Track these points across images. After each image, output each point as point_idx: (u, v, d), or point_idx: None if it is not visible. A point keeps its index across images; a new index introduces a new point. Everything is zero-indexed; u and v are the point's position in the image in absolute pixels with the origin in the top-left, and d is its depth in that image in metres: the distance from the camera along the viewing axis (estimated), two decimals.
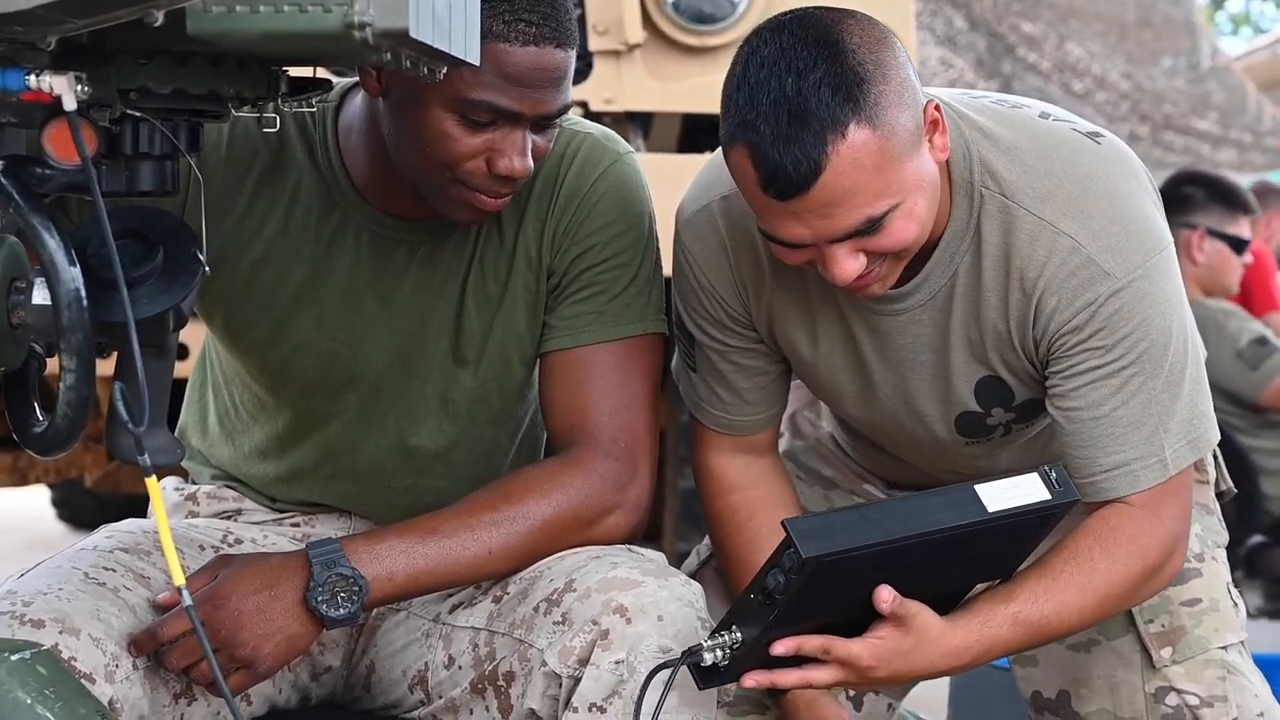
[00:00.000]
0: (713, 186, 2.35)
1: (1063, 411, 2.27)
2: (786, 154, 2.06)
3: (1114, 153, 2.29)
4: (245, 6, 1.72)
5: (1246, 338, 5.46)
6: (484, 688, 2.29)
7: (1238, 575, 5.53)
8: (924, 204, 2.15)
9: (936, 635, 2.16)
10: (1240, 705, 2.43)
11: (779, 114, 2.07)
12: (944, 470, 2.49)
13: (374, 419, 2.42)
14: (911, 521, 2.10)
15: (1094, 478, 2.26)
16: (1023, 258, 2.23)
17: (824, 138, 2.06)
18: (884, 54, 2.11)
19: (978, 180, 2.24)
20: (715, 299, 2.37)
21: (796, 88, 2.06)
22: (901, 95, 2.10)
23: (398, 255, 2.36)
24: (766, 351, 2.41)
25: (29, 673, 1.92)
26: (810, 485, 2.64)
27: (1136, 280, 2.21)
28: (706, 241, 2.35)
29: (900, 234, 2.14)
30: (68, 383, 1.82)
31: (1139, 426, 2.24)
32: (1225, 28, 25.18)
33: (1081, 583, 2.23)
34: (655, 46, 4.42)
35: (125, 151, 1.88)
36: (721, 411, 2.44)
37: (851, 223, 2.11)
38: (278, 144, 2.33)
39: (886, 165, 2.09)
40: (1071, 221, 2.22)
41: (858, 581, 2.10)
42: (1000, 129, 2.27)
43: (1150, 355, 2.23)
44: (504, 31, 2.15)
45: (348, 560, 2.21)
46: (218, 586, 2.19)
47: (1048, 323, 2.24)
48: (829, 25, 2.10)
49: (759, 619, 2.09)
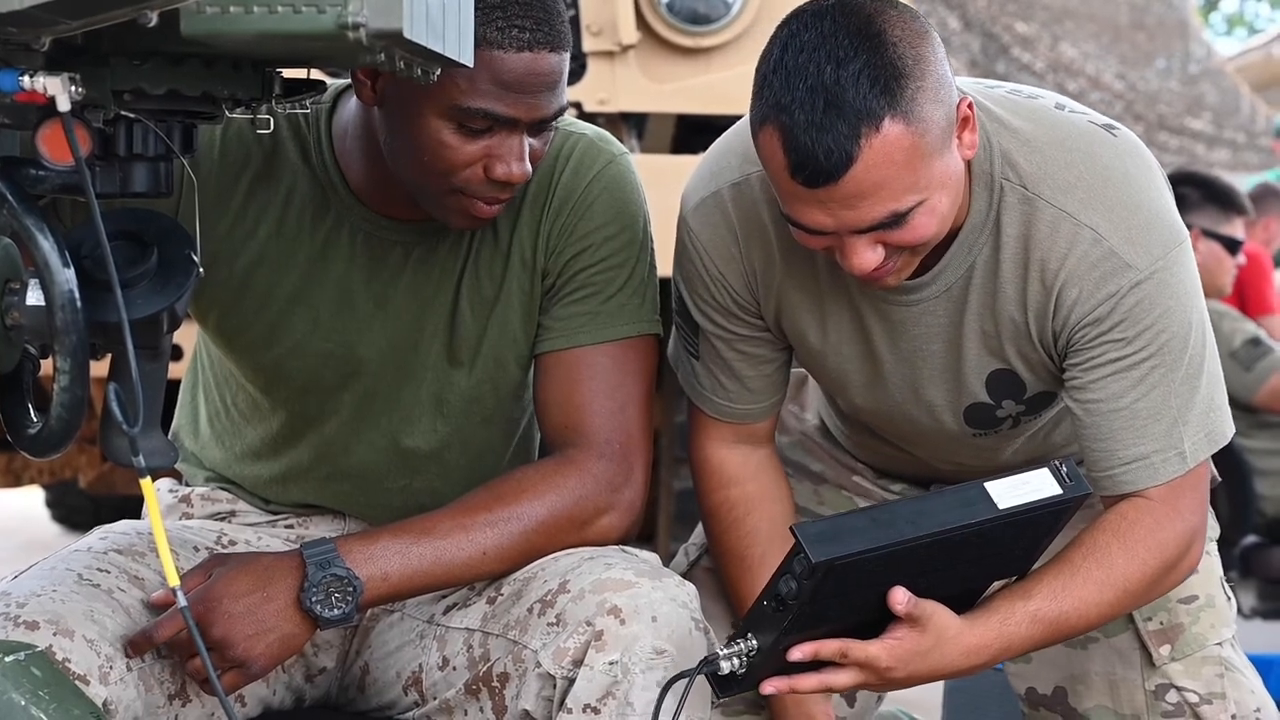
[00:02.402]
0: (722, 173, 2.33)
1: (1081, 404, 2.26)
2: (819, 142, 2.05)
3: (1130, 145, 2.29)
4: (239, 7, 1.72)
5: (1240, 339, 5.47)
6: (478, 689, 2.29)
7: (1233, 575, 5.53)
8: (947, 201, 2.14)
9: (954, 634, 2.15)
10: (1238, 702, 2.44)
11: (815, 100, 2.05)
12: (946, 461, 2.49)
13: (368, 420, 2.42)
14: (922, 522, 2.09)
15: (1112, 470, 2.26)
16: (1043, 249, 2.22)
17: (858, 129, 2.05)
18: (924, 49, 2.09)
19: (998, 172, 2.23)
20: (723, 286, 2.36)
21: (835, 76, 2.05)
22: (938, 91, 2.09)
23: (393, 256, 2.36)
24: (771, 340, 2.41)
25: (23, 674, 1.92)
26: (799, 481, 2.63)
27: (1158, 272, 2.21)
28: (715, 228, 2.34)
29: (922, 230, 2.13)
30: (62, 384, 1.82)
31: (1159, 419, 2.23)
32: (1220, 28, 25.21)
33: (1100, 579, 2.23)
34: (649, 47, 4.43)
35: (119, 153, 1.88)
36: (724, 400, 2.44)
37: (876, 215, 2.10)
38: (271, 146, 2.33)
39: (917, 161, 2.08)
40: (1093, 213, 2.21)
41: (871, 584, 2.10)
42: (1019, 120, 2.26)
43: (1171, 347, 2.22)
44: (498, 38, 2.14)
45: (342, 560, 2.21)
46: (211, 586, 2.19)
47: (1068, 314, 2.23)
48: (871, 15, 2.08)
49: (773, 625, 2.08)
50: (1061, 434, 2.49)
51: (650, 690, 2.14)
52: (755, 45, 4.39)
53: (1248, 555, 5.62)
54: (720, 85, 4.39)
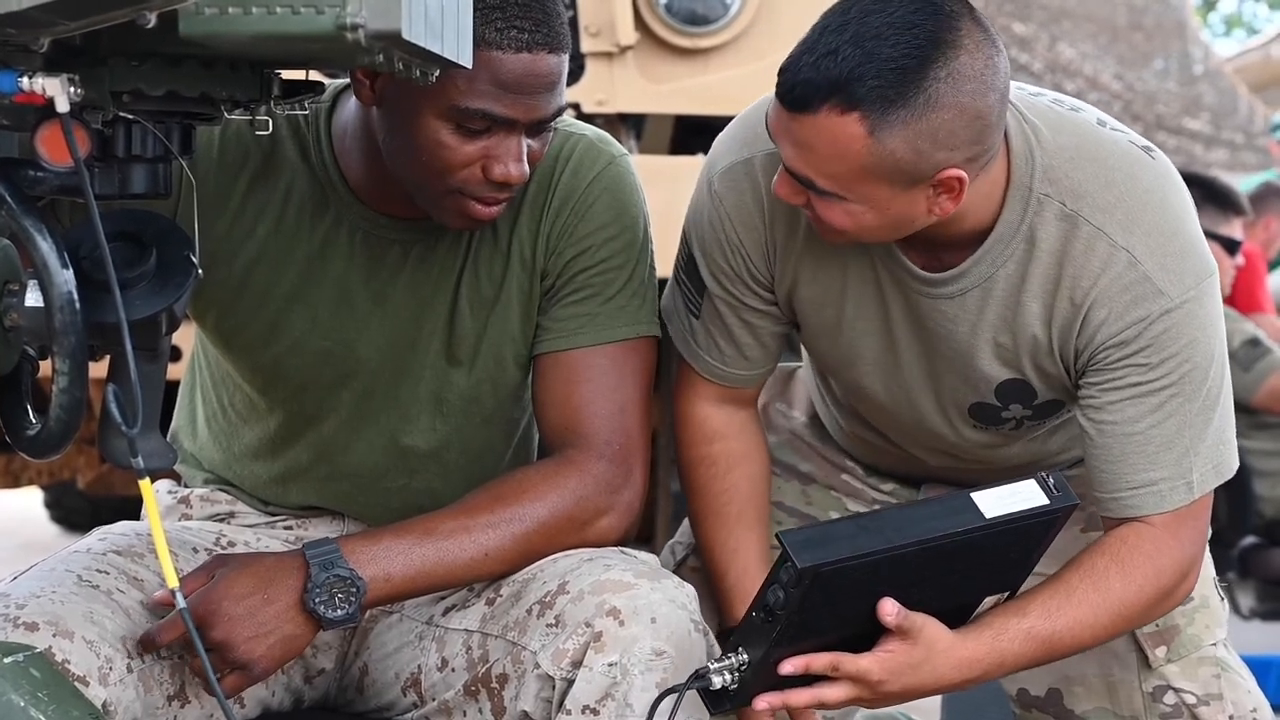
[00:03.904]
0: (755, 141, 2.32)
1: (1095, 424, 2.26)
2: (809, 68, 2.07)
3: (1167, 169, 2.29)
4: (238, 8, 1.72)
5: (1239, 339, 5.47)
6: (477, 690, 2.29)
7: (1231, 576, 5.53)
8: (872, 221, 2.15)
9: (946, 647, 2.16)
10: (1235, 702, 2.45)
11: (840, 38, 2.06)
12: (939, 454, 2.49)
13: (367, 419, 2.42)
14: (908, 529, 2.09)
15: (1119, 494, 2.26)
16: (1076, 266, 2.22)
17: (831, 96, 2.06)
18: (961, 98, 2.07)
19: (1037, 185, 2.22)
20: (741, 254, 2.36)
21: (865, 44, 2.05)
22: (932, 138, 2.07)
23: (392, 255, 2.36)
24: (777, 314, 2.41)
25: (22, 676, 1.92)
26: (787, 480, 2.63)
27: (1189, 302, 2.21)
28: (742, 195, 2.34)
29: (830, 216, 2.15)
30: (60, 385, 1.82)
31: (1171, 447, 2.24)
32: (1218, 29, 25.21)
33: (1096, 602, 2.23)
34: (647, 48, 4.42)
35: (118, 154, 1.88)
36: (719, 362, 2.44)
37: (798, 167, 2.12)
38: (270, 145, 2.33)
39: (854, 165, 2.09)
40: (1131, 235, 2.21)
41: (860, 594, 2.10)
42: (1062, 136, 2.24)
43: (1191, 378, 2.23)
44: (497, 39, 2.14)
45: (345, 561, 2.21)
46: (213, 588, 2.19)
47: (1094, 334, 2.23)
48: (945, 37, 2.07)
49: (763, 637, 2.09)
50: (1058, 440, 2.49)
51: (649, 691, 2.14)
52: (754, 46, 4.43)
53: (1246, 556, 5.62)
54: (719, 86, 4.39)
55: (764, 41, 4.42)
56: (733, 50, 4.46)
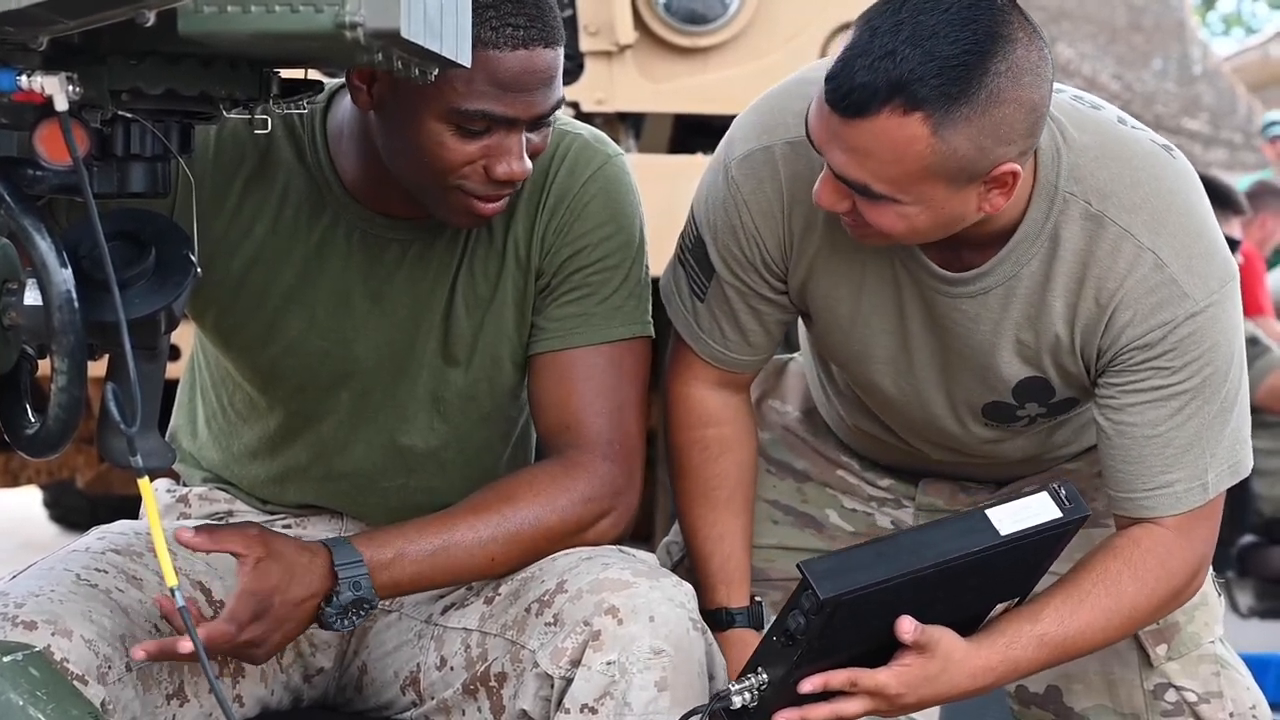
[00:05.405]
0: (777, 128, 2.30)
1: (1114, 424, 2.25)
2: (865, 72, 2.03)
3: (1187, 169, 2.28)
4: (237, 7, 1.72)
5: None
6: (476, 689, 2.29)
7: (1230, 575, 5.53)
8: (925, 221, 2.13)
9: (961, 657, 2.17)
10: (1235, 699, 2.45)
11: (895, 39, 2.03)
12: (944, 449, 2.48)
13: (365, 418, 2.42)
14: (925, 552, 2.11)
15: (1135, 495, 2.26)
16: (1102, 267, 2.21)
17: (893, 98, 2.04)
18: (1020, 90, 2.06)
19: (1063, 185, 2.21)
20: (756, 242, 2.34)
21: (923, 43, 2.02)
22: (994, 133, 2.06)
23: (389, 254, 2.35)
24: (786, 304, 2.40)
25: (21, 674, 1.92)
26: (782, 478, 2.63)
27: (1213, 306, 2.21)
28: (761, 183, 2.32)
29: (881, 221, 2.13)
30: (59, 384, 1.82)
31: (1189, 450, 2.24)
32: (1217, 28, 25.21)
33: (1109, 606, 2.24)
34: (647, 47, 4.42)
35: (116, 153, 1.88)
36: (720, 347, 2.43)
37: (851, 174, 2.09)
38: (266, 145, 2.33)
39: (913, 167, 2.07)
40: (1157, 237, 2.20)
41: (878, 614, 2.12)
42: (1086, 134, 2.23)
43: (1212, 381, 2.23)
44: (493, 38, 2.14)
45: (370, 582, 2.20)
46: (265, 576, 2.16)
47: (1118, 335, 2.22)
48: (999, 32, 2.05)
49: (783, 660, 2.11)
50: (1063, 435, 2.48)
51: (648, 690, 2.14)
52: (753, 45, 4.43)
53: (1245, 554, 5.62)
54: (718, 85, 4.39)
55: (763, 41, 4.42)
56: (732, 49, 4.46)
